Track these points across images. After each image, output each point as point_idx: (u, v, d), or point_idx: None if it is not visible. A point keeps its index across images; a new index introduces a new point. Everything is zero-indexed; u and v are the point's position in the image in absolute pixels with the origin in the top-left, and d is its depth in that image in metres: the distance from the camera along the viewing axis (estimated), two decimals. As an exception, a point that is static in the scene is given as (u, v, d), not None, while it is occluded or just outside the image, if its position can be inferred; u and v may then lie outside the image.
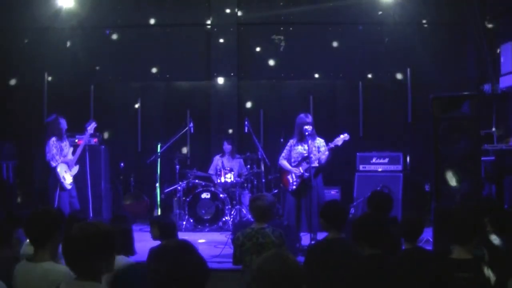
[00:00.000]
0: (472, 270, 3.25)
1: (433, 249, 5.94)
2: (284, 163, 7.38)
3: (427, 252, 4.29)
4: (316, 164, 7.12)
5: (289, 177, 7.27)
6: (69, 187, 7.72)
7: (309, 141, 7.10)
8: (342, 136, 7.11)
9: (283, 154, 7.43)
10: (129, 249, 4.19)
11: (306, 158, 7.07)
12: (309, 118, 7.21)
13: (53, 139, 7.77)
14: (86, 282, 2.54)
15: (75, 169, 7.94)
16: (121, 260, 3.89)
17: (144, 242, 4.89)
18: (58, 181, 7.63)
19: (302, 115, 7.28)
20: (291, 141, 7.39)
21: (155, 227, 4.76)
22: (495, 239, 4.04)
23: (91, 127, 8.16)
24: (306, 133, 7.05)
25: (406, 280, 3.42)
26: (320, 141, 7.29)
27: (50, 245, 3.23)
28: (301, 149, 7.23)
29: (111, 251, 2.62)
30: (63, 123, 7.88)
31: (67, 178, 7.73)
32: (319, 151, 7.19)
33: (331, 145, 7.14)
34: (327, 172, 7.63)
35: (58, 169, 7.67)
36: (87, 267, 2.53)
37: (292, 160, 7.29)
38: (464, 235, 3.34)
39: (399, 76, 10.11)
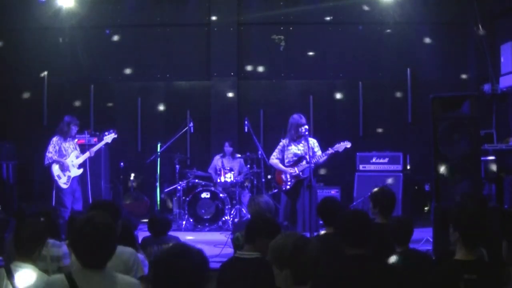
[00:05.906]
0: (476, 272, 3.18)
1: (433, 249, 5.92)
2: (276, 162, 7.34)
3: (423, 254, 4.23)
4: (312, 164, 7.13)
5: (283, 176, 7.26)
6: (64, 186, 7.71)
7: (303, 142, 7.11)
8: (344, 143, 7.12)
9: (274, 154, 7.40)
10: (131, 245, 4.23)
11: (301, 158, 7.06)
12: (304, 119, 7.20)
13: (56, 137, 7.80)
14: (93, 270, 2.62)
15: (75, 171, 7.90)
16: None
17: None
18: (53, 180, 7.69)
19: (295, 115, 7.25)
20: (284, 141, 7.36)
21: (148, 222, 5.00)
22: None
23: (110, 137, 8.08)
24: (306, 133, 7.04)
25: (403, 283, 3.37)
26: (313, 141, 7.25)
27: None
28: (295, 149, 7.21)
29: (115, 241, 2.73)
30: (74, 129, 7.91)
31: (62, 177, 7.73)
32: (313, 152, 7.14)
33: (331, 150, 7.12)
34: (327, 172, 7.64)
35: (53, 168, 7.70)
36: (93, 256, 2.62)
37: (286, 160, 7.25)
38: (472, 237, 3.29)
39: (399, 76, 10.10)
